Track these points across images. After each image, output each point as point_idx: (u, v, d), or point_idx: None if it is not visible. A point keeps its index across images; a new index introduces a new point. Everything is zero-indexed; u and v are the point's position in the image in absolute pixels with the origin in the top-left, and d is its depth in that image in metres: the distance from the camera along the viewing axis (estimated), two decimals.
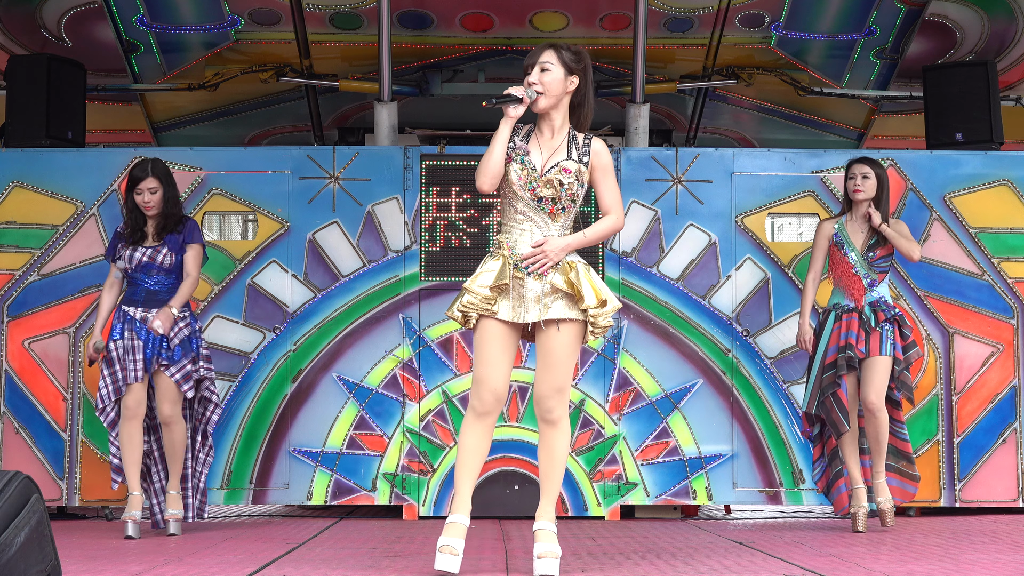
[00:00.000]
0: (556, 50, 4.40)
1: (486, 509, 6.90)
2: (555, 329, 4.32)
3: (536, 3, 7.73)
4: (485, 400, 4.33)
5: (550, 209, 4.37)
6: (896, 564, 4.63)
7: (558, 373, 4.34)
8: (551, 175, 4.35)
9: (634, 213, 7.18)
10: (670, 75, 8.29)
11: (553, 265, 4.33)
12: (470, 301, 4.33)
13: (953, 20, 7.98)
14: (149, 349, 5.91)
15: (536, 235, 4.37)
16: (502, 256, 4.35)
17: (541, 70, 4.37)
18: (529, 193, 4.35)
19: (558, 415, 4.35)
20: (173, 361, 5.92)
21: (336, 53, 8.16)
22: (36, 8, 7.78)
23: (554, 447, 4.38)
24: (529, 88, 4.35)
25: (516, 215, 4.39)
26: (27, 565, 3.11)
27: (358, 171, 7.17)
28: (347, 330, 7.08)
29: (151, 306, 5.97)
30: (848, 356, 6.09)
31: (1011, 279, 7.23)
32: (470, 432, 4.36)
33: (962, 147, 7.47)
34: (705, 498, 7.06)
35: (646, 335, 7.12)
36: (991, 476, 7.13)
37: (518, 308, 4.32)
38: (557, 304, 4.32)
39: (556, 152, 4.40)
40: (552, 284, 4.31)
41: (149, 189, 5.99)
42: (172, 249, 6.00)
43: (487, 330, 4.35)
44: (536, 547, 4.30)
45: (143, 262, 5.97)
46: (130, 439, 5.89)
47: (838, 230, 6.29)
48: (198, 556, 5.02)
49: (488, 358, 4.33)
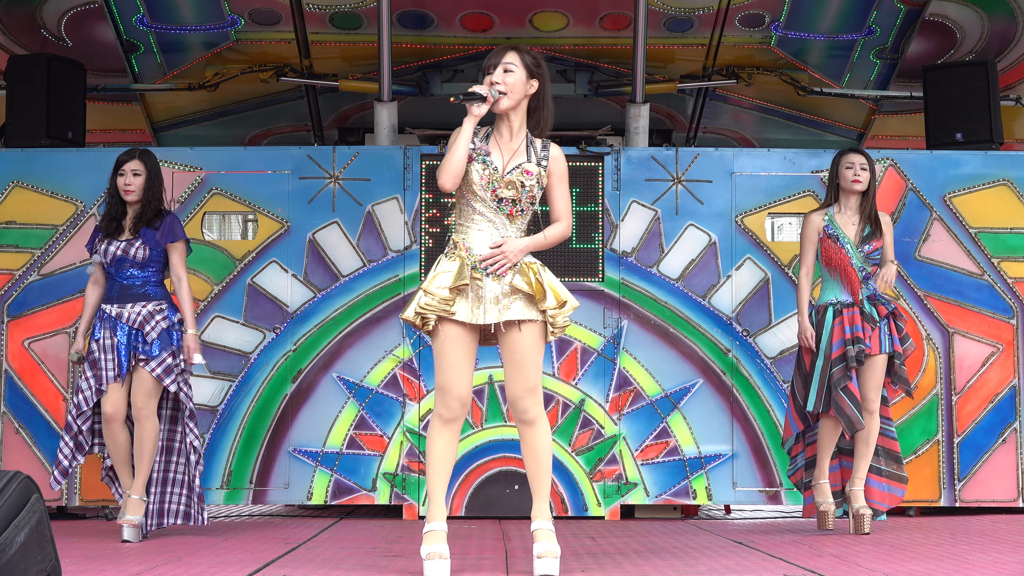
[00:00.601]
0: (518, 52, 4.41)
1: (486, 509, 6.91)
2: (517, 330, 4.31)
3: (536, 3, 7.73)
4: (452, 407, 4.32)
5: (509, 210, 4.37)
6: (896, 564, 4.63)
7: (529, 373, 4.33)
8: (513, 176, 4.36)
9: (634, 213, 7.19)
10: (670, 75, 8.29)
11: (511, 266, 4.32)
12: (428, 303, 4.28)
13: (953, 20, 7.98)
14: (125, 346, 5.73)
15: (494, 236, 4.36)
16: (459, 257, 4.33)
17: (504, 71, 4.37)
18: (490, 194, 4.35)
19: (535, 414, 4.35)
20: (151, 356, 5.73)
21: (336, 53, 8.16)
22: (36, 8, 7.78)
23: (537, 446, 4.37)
24: (492, 87, 4.34)
25: (474, 215, 4.38)
26: (27, 565, 3.11)
27: (358, 171, 7.17)
28: (347, 330, 7.08)
29: (126, 301, 5.78)
30: (859, 349, 5.90)
31: (1011, 279, 7.23)
32: (439, 439, 4.34)
33: (962, 147, 7.47)
34: (705, 498, 7.06)
35: (646, 335, 7.12)
36: (991, 476, 7.13)
37: (476, 309, 4.30)
38: (516, 305, 4.32)
39: (516, 154, 4.41)
40: (512, 285, 4.31)
41: (132, 171, 5.82)
42: (147, 242, 5.79)
43: (447, 335, 4.31)
44: (536, 547, 4.30)
45: (117, 255, 5.77)
46: (114, 439, 5.74)
47: (828, 222, 6.09)
48: (198, 556, 5.02)
49: (451, 364, 4.31)
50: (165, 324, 5.78)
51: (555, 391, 7.07)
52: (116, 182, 5.87)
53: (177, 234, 5.86)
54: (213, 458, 6.99)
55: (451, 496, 6.99)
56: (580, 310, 7.11)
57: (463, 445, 7.00)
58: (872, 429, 5.99)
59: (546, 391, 7.05)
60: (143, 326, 5.75)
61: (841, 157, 6.18)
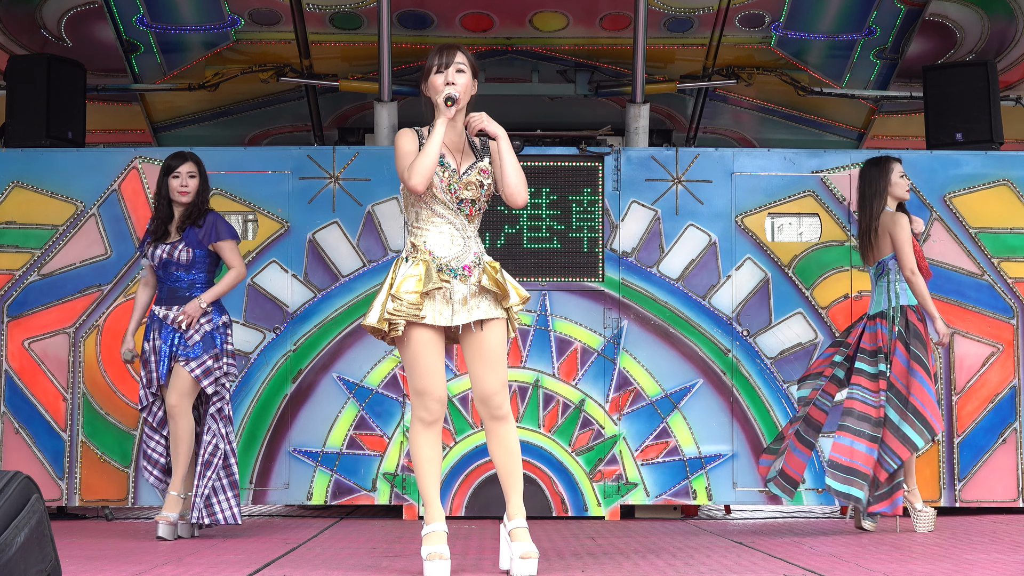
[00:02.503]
0: (463, 52, 4.42)
1: (486, 509, 6.91)
2: (488, 328, 4.34)
3: (536, 3, 7.74)
4: (432, 409, 4.32)
5: (469, 211, 4.38)
6: (896, 564, 4.63)
7: (500, 369, 4.35)
8: (471, 177, 4.37)
9: (634, 213, 7.19)
10: (670, 75, 8.29)
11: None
12: (397, 308, 4.26)
13: (953, 20, 7.98)
14: (167, 347, 5.83)
15: (455, 236, 4.35)
16: (423, 261, 4.31)
17: (457, 71, 4.37)
18: (450, 195, 4.34)
19: (507, 409, 4.38)
20: (192, 356, 5.81)
21: (336, 53, 8.16)
22: (36, 8, 7.78)
23: (509, 443, 4.38)
24: (450, 87, 4.33)
25: (433, 218, 4.36)
26: (27, 565, 3.11)
27: (358, 171, 7.17)
28: (347, 330, 7.08)
29: (173, 303, 5.89)
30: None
31: (1011, 279, 7.23)
32: (423, 442, 4.34)
33: (962, 147, 7.47)
34: (705, 498, 7.06)
35: (646, 335, 7.12)
36: (991, 476, 7.13)
37: (445, 311, 4.30)
38: (483, 304, 4.34)
39: (465, 154, 4.42)
40: (480, 285, 4.32)
41: (188, 173, 5.93)
42: (190, 244, 5.90)
43: (420, 339, 4.30)
44: (516, 547, 4.27)
45: (163, 259, 5.91)
46: (173, 438, 5.81)
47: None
48: (198, 556, 5.02)
49: (427, 367, 4.31)
50: (209, 327, 5.87)
51: (555, 391, 7.07)
52: (169, 184, 5.94)
53: (221, 233, 5.94)
54: None
55: (451, 496, 6.99)
56: (580, 310, 7.12)
57: (463, 446, 7.01)
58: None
59: (546, 391, 7.06)
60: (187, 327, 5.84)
61: (894, 164, 6.18)
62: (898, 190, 6.15)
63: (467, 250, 4.35)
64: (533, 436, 7.02)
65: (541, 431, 7.05)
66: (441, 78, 4.35)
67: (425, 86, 4.43)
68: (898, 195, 6.16)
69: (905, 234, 6.00)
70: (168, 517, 5.74)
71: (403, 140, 4.39)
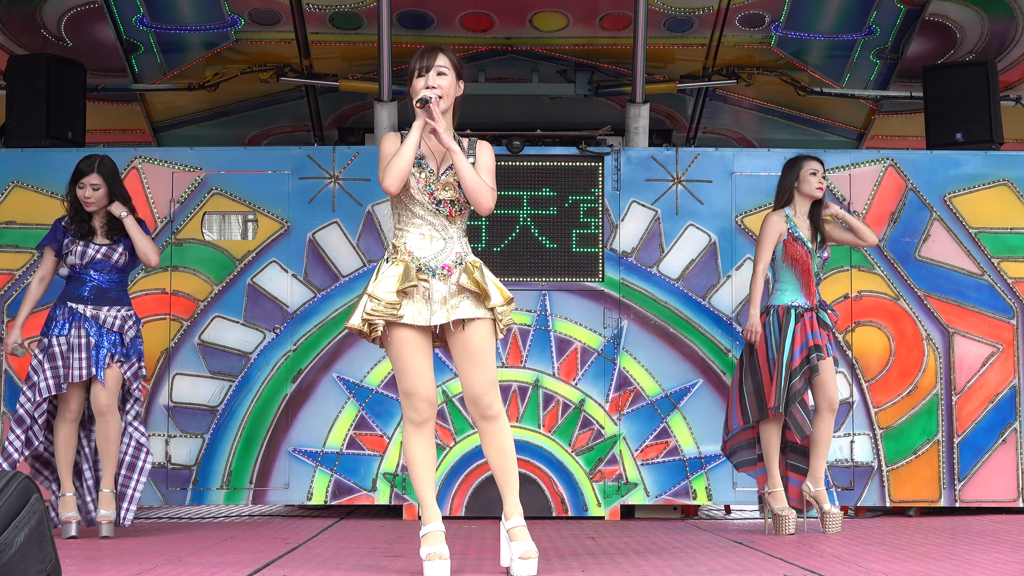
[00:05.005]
0: (447, 54, 4.41)
1: (486, 509, 6.91)
2: (471, 328, 4.30)
3: (536, 3, 7.73)
4: (421, 410, 4.31)
5: (449, 211, 4.35)
6: (896, 564, 4.63)
7: (488, 368, 4.31)
8: (449, 178, 4.36)
9: (634, 213, 7.19)
10: (670, 75, 8.29)
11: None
12: (375, 308, 4.25)
13: (953, 20, 7.98)
14: (103, 347, 5.84)
15: (435, 238, 4.34)
16: (402, 261, 4.29)
17: (438, 74, 4.37)
18: (428, 196, 4.34)
19: (497, 409, 4.33)
20: (127, 358, 5.91)
21: (336, 53, 8.16)
22: (36, 8, 7.78)
23: (502, 442, 4.35)
24: (429, 91, 4.33)
25: (414, 219, 4.35)
26: (27, 565, 3.11)
27: (358, 171, 7.17)
28: (347, 330, 7.06)
29: (101, 304, 5.92)
30: (818, 356, 5.91)
31: (1011, 279, 7.23)
32: (415, 443, 4.33)
33: (962, 147, 7.47)
34: (705, 498, 7.06)
35: (646, 335, 7.12)
36: (991, 476, 7.13)
37: (424, 311, 4.28)
38: (464, 304, 4.30)
39: (446, 156, 4.40)
40: (459, 284, 4.30)
41: (92, 185, 5.94)
42: (127, 248, 5.98)
43: (402, 339, 4.29)
44: (515, 546, 4.24)
45: (96, 259, 5.92)
46: (66, 442, 5.88)
47: (790, 224, 6.11)
48: (198, 556, 5.02)
49: (413, 368, 4.29)
50: (134, 331, 6.00)
51: (555, 391, 7.07)
52: (76, 193, 5.97)
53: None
54: (213, 458, 7.00)
55: (451, 496, 7.00)
56: (580, 310, 7.12)
57: (463, 446, 7.01)
58: (830, 428, 6.04)
59: (546, 391, 7.06)
60: (122, 330, 5.92)
61: (805, 162, 6.21)
62: (806, 187, 6.15)
63: (448, 250, 4.33)
64: (533, 436, 7.02)
65: (541, 431, 7.06)
66: (422, 82, 4.37)
67: (409, 89, 4.45)
68: (807, 192, 6.16)
69: (764, 233, 6.13)
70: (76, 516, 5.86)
71: (385, 142, 4.43)
